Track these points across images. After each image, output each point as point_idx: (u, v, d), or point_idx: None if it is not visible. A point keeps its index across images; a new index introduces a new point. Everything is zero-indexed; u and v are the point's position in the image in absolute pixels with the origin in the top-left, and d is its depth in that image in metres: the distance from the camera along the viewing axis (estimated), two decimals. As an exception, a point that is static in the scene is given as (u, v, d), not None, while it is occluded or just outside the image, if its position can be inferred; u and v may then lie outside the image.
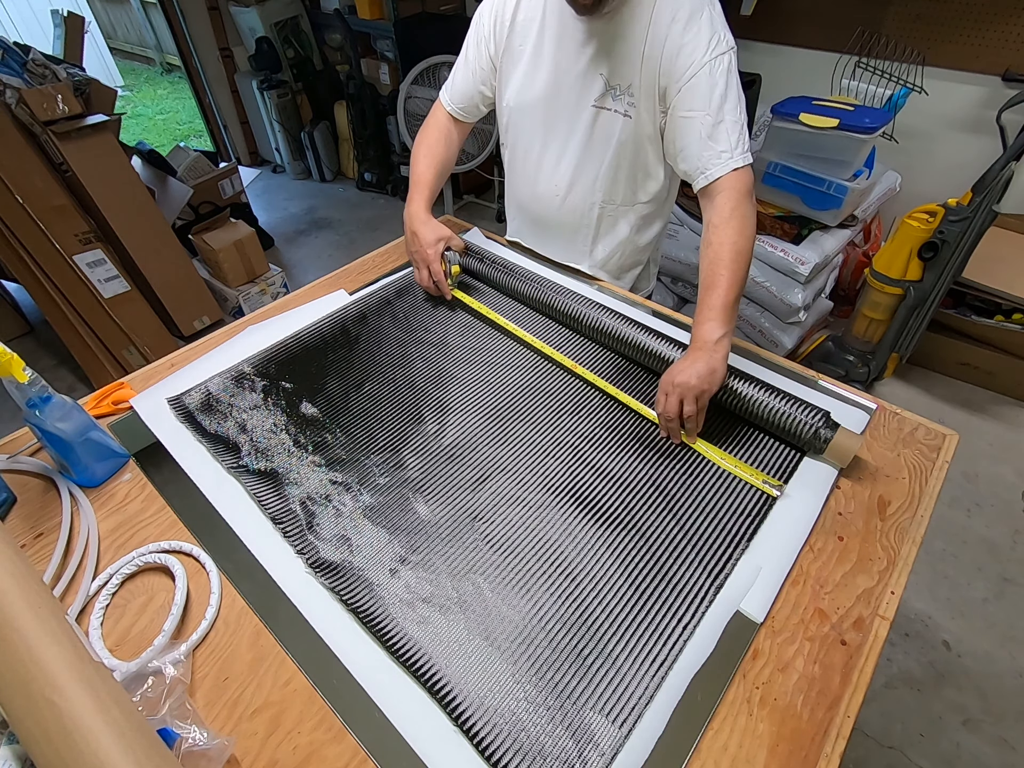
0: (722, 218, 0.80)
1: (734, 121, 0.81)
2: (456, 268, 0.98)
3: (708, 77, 0.79)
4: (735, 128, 0.81)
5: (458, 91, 1.03)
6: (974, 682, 1.30)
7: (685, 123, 0.82)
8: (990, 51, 1.83)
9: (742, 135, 0.81)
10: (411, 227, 0.98)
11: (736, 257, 0.78)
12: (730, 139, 0.81)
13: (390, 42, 2.89)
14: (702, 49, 0.79)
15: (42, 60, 1.87)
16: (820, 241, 1.88)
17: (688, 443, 0.75)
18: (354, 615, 0.57)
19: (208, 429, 0.76)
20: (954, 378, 2.06)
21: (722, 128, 0.80)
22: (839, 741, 0.49)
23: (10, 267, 1.85)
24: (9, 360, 0.59)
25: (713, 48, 0.79)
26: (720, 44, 0.80)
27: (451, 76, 1.04)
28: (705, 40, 0.79)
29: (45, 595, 0.46)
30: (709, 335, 0.74)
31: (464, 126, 1.08)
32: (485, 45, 0.97)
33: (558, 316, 0.93)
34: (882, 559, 0.63)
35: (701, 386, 0.70)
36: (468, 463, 0.73)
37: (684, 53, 0.80)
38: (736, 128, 0.81)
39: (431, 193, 1.01)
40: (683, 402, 0.71)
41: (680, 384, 0.71)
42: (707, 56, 0.79)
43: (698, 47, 0.79)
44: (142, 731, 0.40)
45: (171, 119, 4.77)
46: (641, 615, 0.57)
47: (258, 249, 2.37)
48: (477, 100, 1.03)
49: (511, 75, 0.96)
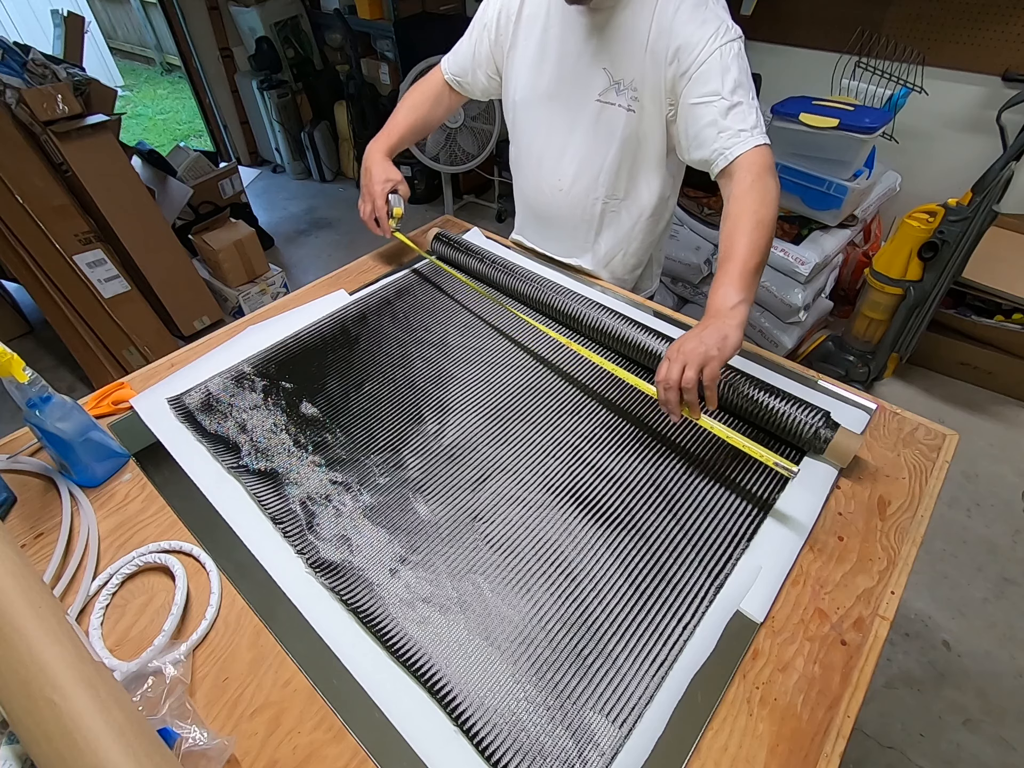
0: (743, 189, 0.78)
1: (749, 103, 0.81)
2: (398, 210, 1.01)
3: (720, 62, 0.79)
4: (751, 110, 0.81)
5: (457, 62, 1.06)
6: (974, 682, 1.30)
7: (699, 110, 0.82)
8: (990, 51, 1.83)
9: (759, 116, 0.81)
10: (366, 163, 1.03)
11: (756, 226, 0.74)
12: (747, 119, 0.80)
13: (390, 42, 2.89)
14: (710, 37, 0.79)
15: (42, 60, 1.87)
16: (820, 241, 1.88)
17: (692, 418, 0.67)
18: (354, 615, 0.57)
19: (208, 429, 0.76)
20: (954, 378, 2.06)
21: (739, 110, 0.80)
22: (839, 741, 0.49)
23: (10, 267, 1.85)
24: (9, 360, 0.59)
25: (722, 35, 0.79)
26: (729, 31, 0.80)
27: (456, 45, 1.07)
28: (712, 28, 0.79)
29: (45, 595, 0.46)
30: (723, 301, 0.69)
31: (456, 96, 1.11)
32: (488, 32, 0.99)
33: (558, 316, 0.93)
34: (882, 559, 0.63)
35: (709, 352, 0.63)
36: (468, 463, 0.73)
37: (692, 43, 0.80)
38: (752, 110, 0.81)
39: (398, 141, 1.05)
40: (685, 369, 0.63)
41: (686, 351, 0.64)
42: (716, 43, 0.79)
43: (705, 35, 0.79)
44: (142, 731, 0.40)
45: (171, 119, 4.77)
46: (641, 615, 0.57)
47: (258, 249, 2.37)
48: (470, 78, 1.06)
49: (518, 70, 0.97)
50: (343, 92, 3.11)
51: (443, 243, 1.08)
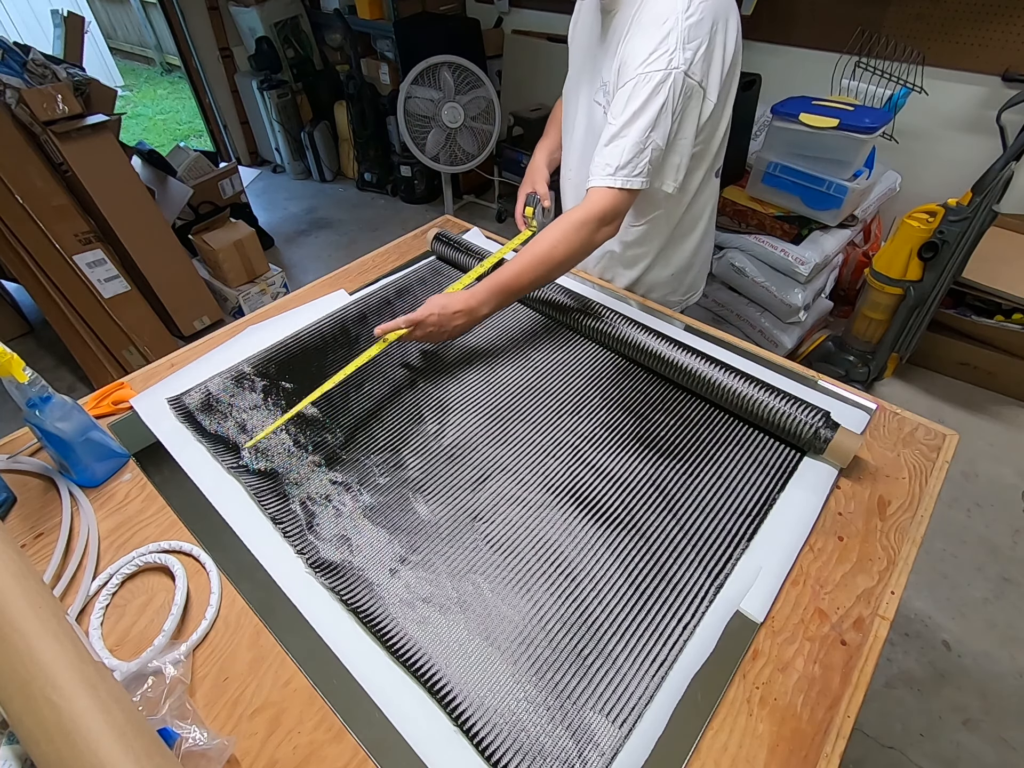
0: (563, 221, 0.80)
1: (635, 143, 0.77)
2: (529, 210, 1.07)
3: (632, 88, 0.77)
4: (631, 149, 0.78)
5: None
6: (974, 682, 1.30)
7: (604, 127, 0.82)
8: (990, 51, 1.83)
9: (635, 160, 0.78)
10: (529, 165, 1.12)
11: (542, 261, 0.79)
12: (620, 157, 0.78)
13: (390, 42, 2.89)
14: (640, 59, 0.76)
15: (42, 60, 1.87)
16: (820, 241, 1.88)
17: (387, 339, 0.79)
18: (354, 615, 0.57)
19: (208, 429, 0.76)
20: (954, 378, 2.06)
21: (618, 143, 0.78)
22: (839, 741, 0.49)
23: (10, 267, 1.85)
24: (9, 360, 0.59)
25: (652, 62, 0.75)
26: (659, 59, 0.75)
27: None
28: (648, 51, 0.75)
29: (45, 595, 0.46)
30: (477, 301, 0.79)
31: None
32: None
33: (558, 316, 0.93)
34: (882, 559, 0.63)
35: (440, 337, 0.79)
36: (468, 463, 0.73)
37: (627, 59, 0.78)
38: (632, 150, 0.78)
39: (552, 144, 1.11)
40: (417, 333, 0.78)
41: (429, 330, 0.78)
42: (643, 68, 0.76)
43: (640, 56, 0.76)
44: (142, 731, 0.40)
45: (171, 119, 4.77)
46: (641, 615, 0.57)
47: (258, 249, 2.37)
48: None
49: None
50: (343, 92, 3.11)
51: (443, 243, 1.08)
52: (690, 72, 0.76)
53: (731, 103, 0.89)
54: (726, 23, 0.79)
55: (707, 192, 1.00)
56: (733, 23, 0.81)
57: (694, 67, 0.77)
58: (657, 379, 0.85)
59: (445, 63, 2.50)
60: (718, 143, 0.92)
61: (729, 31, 0.80)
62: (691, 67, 0.76)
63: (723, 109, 0.88)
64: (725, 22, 0.79)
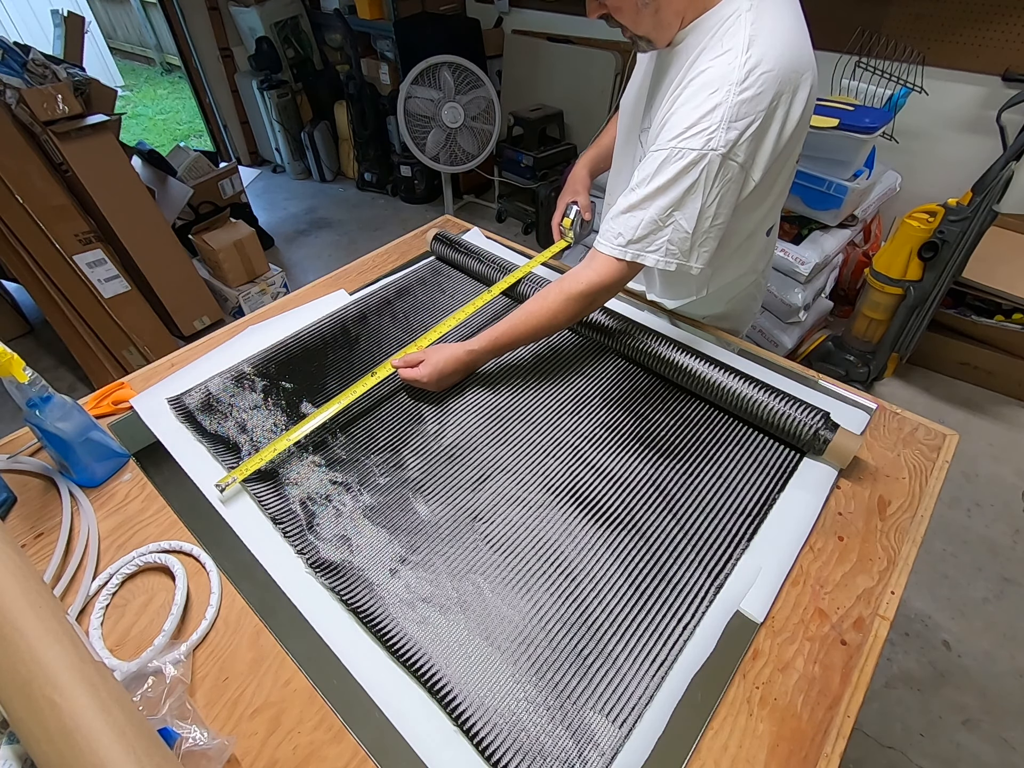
0: (567, 287, 0.76)
1: (652, 220, 0.70)
2: (567, 220, 1.06)
3: (661, 161, 0.68)
4: (648, 225, 0.70)
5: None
6: (974, 682, 1.30)
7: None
8: (990, 51, 1.83)
9: (651, 236, 0.71)
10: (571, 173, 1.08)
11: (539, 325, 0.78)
12: (636, 231, 0.71)
13: (390, 42, 2.89)
14: (677, 130, 0.67)
15: (42, 60, 1.87)
16: (820, 241, 1.88)
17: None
18: (354, 615, 0.57)
19: (208, 429, 0.76)
20: (954, 378, 2.06)
21: (635, 216, 0.71)
22: (839, 741, 0.49)
23: (10, 267, 1.85)
24: (9, 360, 0.59)
25: (686, 137, 0.66)
26: (696, 137, 0.65)
27: None
28: (686, 123, 0.66)
29: (45, 595, 0.46)
30: (472, 346, 0.80)
31: None
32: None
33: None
34: (882, 559, 0.63)
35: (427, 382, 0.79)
36: (468, 463, 0.73)
37: (670, 123, 0.68)
38: (649, 226, 0.70)
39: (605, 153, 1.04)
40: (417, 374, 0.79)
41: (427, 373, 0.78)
42: (675, 141, 0.67)
43: (677, 125, 0.67)
44: (142, 731, 0.40)
45: (171, 119, 4.77)
46: (641, 615, 0.57)
47: (258, 249, 2.37)
48: None
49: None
50: (343, 92, 3.11)
51: (443, 243, 1.08)
52: (731, 154, 0.66)
53: (788, 173, 0.80)
54: (793, 93, 0.67)
55: (753, 252, 0.90)
56: (804, 91, 0.68)
57: (737, 148, 0.66)
58: (657, 379, 0.85)
59: (445, 63, 2.50)
60: (765, 210, 0.82)
61: (795, 103, 0.67)
62: (733, 148, 0.65)
63: (771, 186, 0.78)
64: (793, 92, 0.67)
